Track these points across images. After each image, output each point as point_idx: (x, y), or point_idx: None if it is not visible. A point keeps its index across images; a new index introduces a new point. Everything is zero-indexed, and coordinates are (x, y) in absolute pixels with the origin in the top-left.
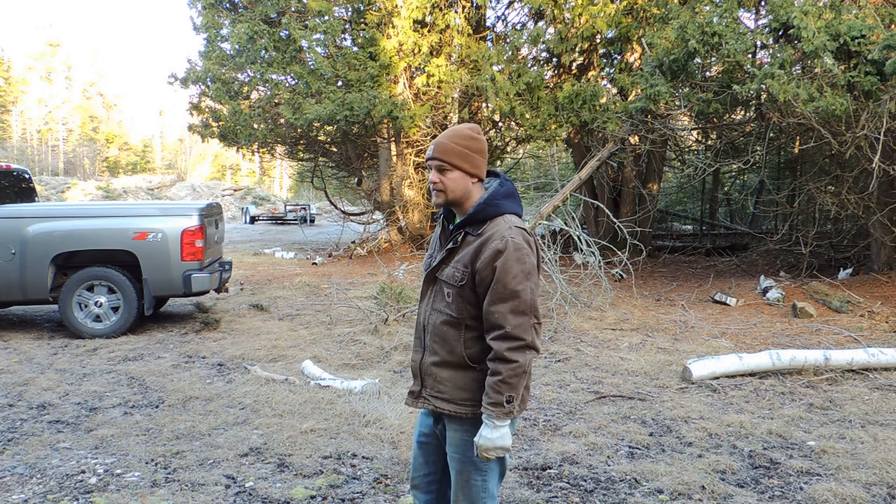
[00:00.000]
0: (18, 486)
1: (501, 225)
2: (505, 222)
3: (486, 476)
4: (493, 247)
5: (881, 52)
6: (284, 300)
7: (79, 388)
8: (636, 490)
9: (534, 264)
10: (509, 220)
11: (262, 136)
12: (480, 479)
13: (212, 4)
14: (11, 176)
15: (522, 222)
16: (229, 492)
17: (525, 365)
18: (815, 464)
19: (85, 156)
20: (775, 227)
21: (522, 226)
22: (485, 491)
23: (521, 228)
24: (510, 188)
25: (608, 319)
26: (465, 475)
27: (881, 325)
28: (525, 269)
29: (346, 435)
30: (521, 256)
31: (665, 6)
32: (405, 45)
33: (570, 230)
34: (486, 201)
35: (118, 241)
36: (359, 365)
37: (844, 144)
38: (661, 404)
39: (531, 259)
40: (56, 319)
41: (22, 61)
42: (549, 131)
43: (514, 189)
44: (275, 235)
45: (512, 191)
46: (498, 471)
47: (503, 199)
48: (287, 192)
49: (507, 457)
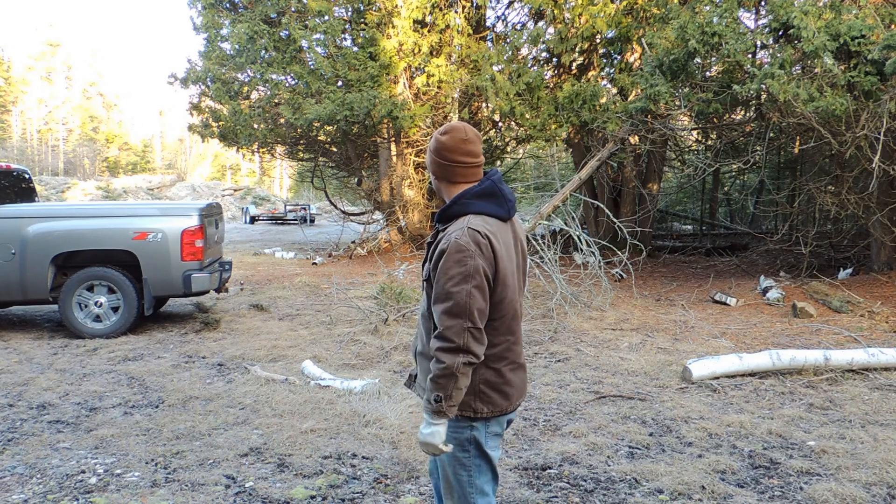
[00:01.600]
0: (18, 486)
1: (457, 224)
2: (461, 222)
3: (471, 472)
4: (440, 247)
5: (881, 52)
6: (284, 300)
7: (79, 388)
8: (636, 490)
9: (478, 267)
10: (466, 221)
11: (262, 136)
12: (466, 475)
13: (212, 4)
14: (11, 176)
15: (484, 223)
16: (229, 492)
17: (453, 368)
18: (815, 464)
19: (85, 156)
20: (775, 227)
21: (478, 227)
22: (471, 486)
23: (474, 229)
24: (487, 187)
25: (608, 319)
26: (451, 469)
27: (881, 325)
28: (465, 271)
29: (346, 435)
30: (461, 258)
31: (665, 6)
32: (405, 45)
33: (570, 230)
34: (454, 199)
35: (118, 241)
36: (359, 365)
37: (844, 144)
38: (661, 404)
39: (475, 261)
40: (56, 319)
41: (22, 61)
42: (549, 131)
43: (491, 188)
44: (275, 235)
45: (487, 190)
46: (486, 467)
47: (471, 199)
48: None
49: (497, 456)
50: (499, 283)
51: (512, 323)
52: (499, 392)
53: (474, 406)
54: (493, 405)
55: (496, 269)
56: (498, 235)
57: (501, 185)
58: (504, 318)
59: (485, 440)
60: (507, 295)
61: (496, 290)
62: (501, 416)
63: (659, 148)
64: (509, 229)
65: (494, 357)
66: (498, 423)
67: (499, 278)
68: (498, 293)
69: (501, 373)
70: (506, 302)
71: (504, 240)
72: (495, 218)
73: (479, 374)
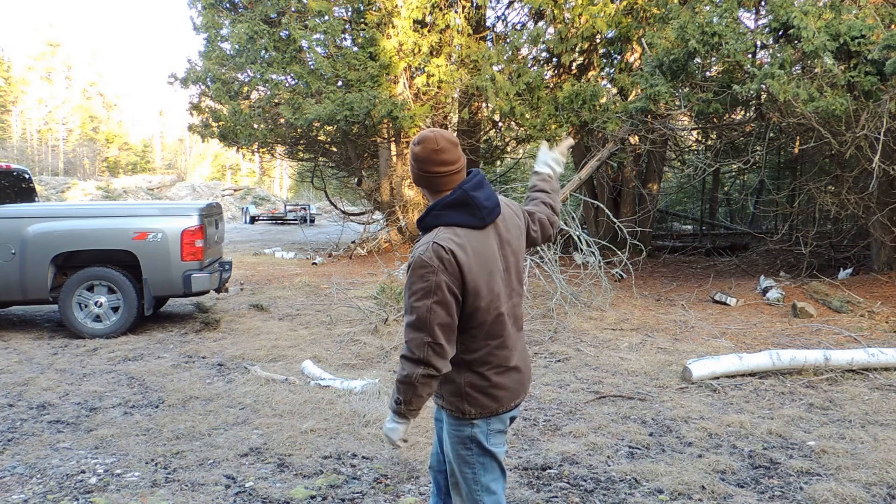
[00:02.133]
0: (18, 486)
1: (424, 238)
2: (429, 236)
3: (475, 469)
4: (408, 261)
5: (881, 52)
6: (284, 300)
7: (79, 388)
8: (636, 490)
9: (440, 283)
10: (433, 235)
11: (262, 136)
12: (470, 472)
13: (212, 4)
14: (11, 176)
15: (452, 236)
16: (229, 492)
17: (412, 377)
18: (815, 464)
19: (85, 156)
20: (775, 227)
21: (443, 242)
22: (477, 483)
23: (439, 244)
24: (457, 197)
25: (608, 319)
26: (457, 467)
27: (881, 325)
28: (426, 287)
29: (346, 435)
30: (424, 274)
31: (665, 6)
32: (405, 45)
33: (570, 230)
34: (427, 210)
35: (118, 241)
36: (359, 365)
37: (844, 144)
38: (661, 404)
39: (437, 277)
40: (56, 319)
41: (22, 61)
42: (549, 131)
43: (462, 198)
44: (275, 235)
45: (457, 200)
46: (491, 464)
47: (442, 210)
48: (287, 192)
49: (502, 452)
50: (469, 294)
51: (493, 328)
52: (485, 395)
53: (462, 407)
54: (482, 407)
55: (463, 282)
56: (467, 247)
57: (475, 192)
58: (483, 325)
59: (486, 437)
60: (480, 304)
61: (467, 301)
62: (502, 414)
63: (659, 148)
64: (489, 235)
65: (476, 362)
66: (499, 421)
67: (468, 290)
68: (469, 304)
69: (486, 376)
70: (481, 310)
71: (477, 249)
72: (468, 227)
73: (464, 377)
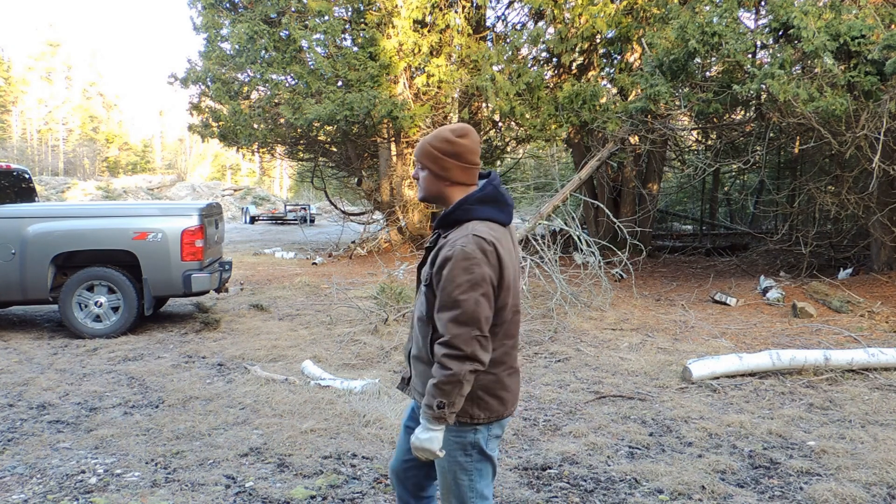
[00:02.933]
0: (18, 486)
1: (461, 231)
2: (465, 229)
3: (472, 476)
4: (443, 253)
5: (881, 52)
6: (284, 300)
7: (79, 388)
8: (636, 490)
9: (484, 275)
10: (471, 227)
11: (262, 136)
12: (466, 479)
13: (212, 4)
14: (11, 176)
15: (489, 229)
16: (229, 492)
17: (460, 375)
18: (815, 464)
19: (85, 156)
20: (775, 227)
21: (483, 234)
22: (472, 490)
23: (479, 237)
24: (489, 192)
25: (608, 319)
26: (451, 474)
27: (881, 325)
28: (472, 279)
29: (346, 435)
30: (468, 266)
31: (665, 6)
32: (405, 45)
33: (570, 230)
34: (457, 204)
35: (118, 241)
36: (359, 365)
37: (844, 144)
38: (661, 404)
39: (482, 269)
40: (56, 319)
41: (22, 61)
42: (549, 131)
43: (494, 193)
44: (275, 235)
45: (491, 195)
46: (486, 470)
47: (474, 204)
48: (287, 192)
49: (495, 456)
50: (503, 289)
51: (510, 327)
52: (496, 398)
53: (471, 412)
54: (490, 411)
55: (501, 276)
56: (502, 241)
57: (503, 189)
58: (504, 324)
59: (486, 443)
60: (508, 301)
61: (500, 295)
62: (503, 419)
63: (659, 148)
64: (509, 232)
65: (493, 362)
66: (499, 426)
67: (503, 284)
68: (501, 299)
69: (499, 378)
70: (507, 308)
71: (506, 245)
72: (498, 223)
73: (478, 379)
